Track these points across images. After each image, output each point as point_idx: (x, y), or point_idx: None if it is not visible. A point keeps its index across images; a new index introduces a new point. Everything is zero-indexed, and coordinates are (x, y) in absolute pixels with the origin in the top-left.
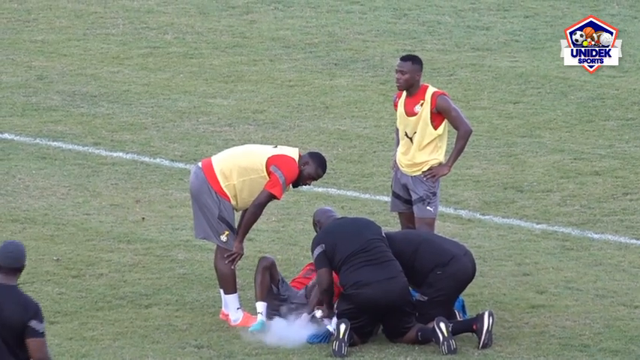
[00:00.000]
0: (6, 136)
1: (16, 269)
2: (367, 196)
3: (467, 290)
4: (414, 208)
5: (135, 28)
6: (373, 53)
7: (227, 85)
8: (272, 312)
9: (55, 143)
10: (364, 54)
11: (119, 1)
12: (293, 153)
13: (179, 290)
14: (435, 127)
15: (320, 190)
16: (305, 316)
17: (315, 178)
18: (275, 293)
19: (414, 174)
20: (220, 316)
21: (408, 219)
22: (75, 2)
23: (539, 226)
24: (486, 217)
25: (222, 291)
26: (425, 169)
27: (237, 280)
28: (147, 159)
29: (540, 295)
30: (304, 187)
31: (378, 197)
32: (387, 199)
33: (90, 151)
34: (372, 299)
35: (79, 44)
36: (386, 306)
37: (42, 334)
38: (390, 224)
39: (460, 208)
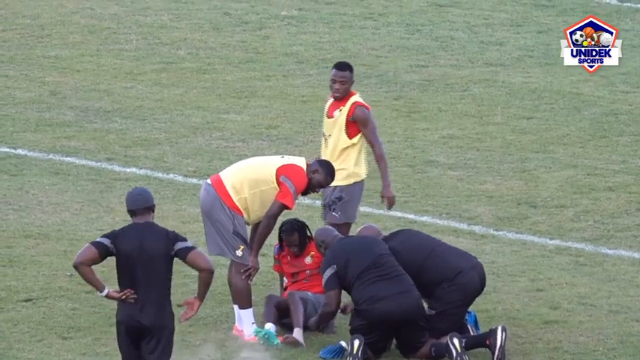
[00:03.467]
0: (19, 151)
1: (148, 208)
2: (380, 211)
3: (480, 306)
4: (323, 211)
5: (148, 44)
6: (386, 69)
7: (240, 100)
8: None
9: (68, 159)
10: (377, 69)
11: (132, 17)
12: (301, 162)
13: None
14: (349, 136)
15: None
16: (297, 330)
17: (323, 186)
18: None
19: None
20: (234, 331)
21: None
22: (88, 18)
23: (552, 242)
24: (500, 232)
25: (236, 306)
26: (337, 176)
27: (251, 295)
28: (160, 174)
29: (554, 311)
30: (317, 203)
31: (391, 213)
32: (401, 214)
33: (103, 166)
34: (386, 314)
35: (92, 60)
36: (400, 320)
37: (194, 247)
38: None
39: (473, 223)
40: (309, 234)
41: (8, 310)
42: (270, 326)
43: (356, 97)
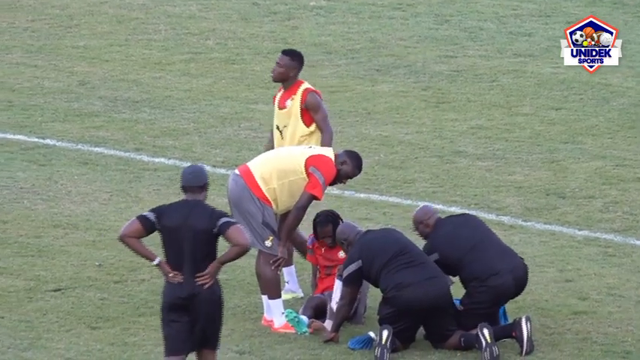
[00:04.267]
0: (48, 141)
1: (200, 187)
2: (409, 201)
3: None
4: None
5: (177, 34)
6: (415, 59)
7: (269, 90)
8: None
9: (97, 149)
10: (406, 60)
11: (161, 7)
12: (329, 152)
13: None
14: (307, 124)
15: (362, 196)
16: (328, 322)
17: (351, 177)
18: None
19: None
20: (262, 322)
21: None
22: (117, 8)
23: (581, 233)
24: (528, 223)
25: (264, 297)
26: None
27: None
28: (189, 164)
29: (583, 302)
30: (346, 193)
31: (420, 203)
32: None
33: (132, 156)
34: (414, 300)
35: (121, 50)
36: (428, 306)
37: (236, 223)
38: None
39: (502, 214)
40: None
41: (37, 300)
42: (303, 317)
43: (306, 85)
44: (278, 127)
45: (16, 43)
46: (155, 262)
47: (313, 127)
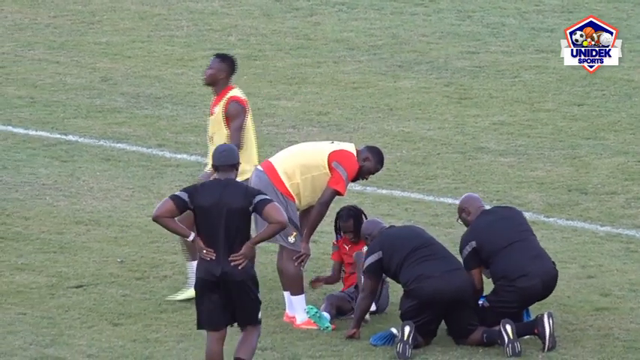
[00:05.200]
0: (70, 137)
1: (232, 165)
2: (431, 198)
3: None
4: None
5: (199, 30)
6: (437, 55)
7: (291, 86)
8: None
9: (119, 145)
10: (428, 56)
11: (183, 3)
12: (351, 148)
13: None
14: None
15: (384, 192)
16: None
17: (373, 173)
18: None
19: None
20: (284, 318)
21: None
22: (139, 4)
23: (603, 229)
24: (550, 219)
25: (287, 293)
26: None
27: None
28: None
29: (605, 298)
30: (368, 189)
31: (442, 199)
32: (452, 201)
33: (154, 152)
34: (435, 292)
35: (143, 46)
36: (450, 298)
37: (272, 200)
38: (454, 226)
39: (524, 210)
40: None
41: (59, 297)
42: (325, 313)
43: (233, 92)
44: (209, 135)
45: (39, 40)
46: (190, 238)
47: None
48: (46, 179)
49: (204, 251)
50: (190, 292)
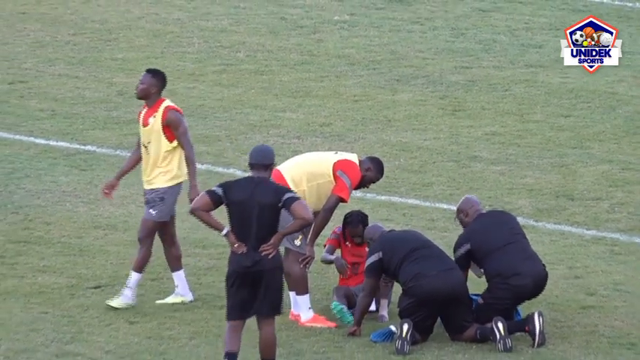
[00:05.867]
0: (89, 147)
1: (266, 165)
2: (427, 204)
3: None
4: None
5: (209, 47)
6: (433, 70)
7: (296, 99)
8: None
9: None
10: (424, 70)
11: (195, 22)
12: (354, 158)
13: None
14: (169, 140)
15: (383, 198)
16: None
17: (374, 182)
18: None
19: (149, 186)
20: (290, 316)
21: (163, 224)
22: (153, 22)
23: (589, 232)
24: (539, 223)
25: (292, 293)
26: (157, 179)
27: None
28: (221, 169)
29: (590, 297)
30: (368, 195)
31: (437, 205)
32: (447, 206)
33: None
34: (432, 290)
35: (157, 62)
36: (446, 296)
37: (299, 198)
38: (449, 230)
39: (515, 214)
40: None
41: (78, 297)
42: (344, 307)
43: (167, 102)
44: (144, 144)
45: (59, 56)
46: (224, 233)
47: (175, 142)
48: (66, 187)
49: (236, 245)
50: (179, 298)
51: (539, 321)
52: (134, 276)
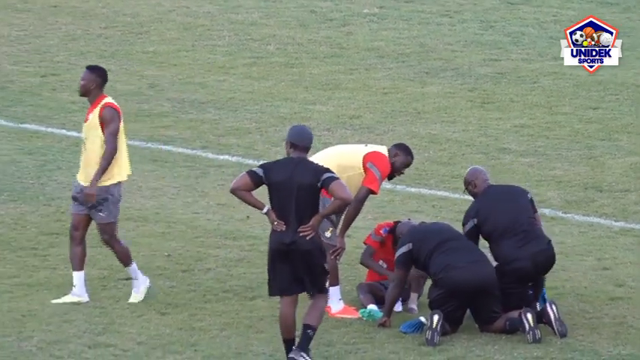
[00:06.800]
0: None
1: (305, 147)
2: (457, 195)
3: (550, 283)
4: (90, 213)
5: (240, 40)
6: (461, 62)
7: (325, 92)
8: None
9: (165, 147)
10: (453, 63)
11: (225, 15)
12: (384, 150)
13: None
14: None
15: (413, 190)
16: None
17: (407, 166)
18: None
19: (86, 183)
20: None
21: (79, 221)
22: (184, 16)
23: (617, 224)
24: (568, 215)
25: None
26: (94, 177)
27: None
28: (251, 161)
29: (619, 288)
30: (398, 187)
31: (466, 196)
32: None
33: (198, 154)
34: (462, 281)
35: (187, 55)
36: (476, 288)
37: (337, 178)
38: None
39: (544, 206)
40: None
41: (110, 288)
42: (372, 307)
43: (107, 99)
44: (83, 140)
45: (91, 49)
46: (264, 211)
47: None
48: None
49: (275, 223)
50: (76, 298)
51: (552, 310)
52: (131, 268)
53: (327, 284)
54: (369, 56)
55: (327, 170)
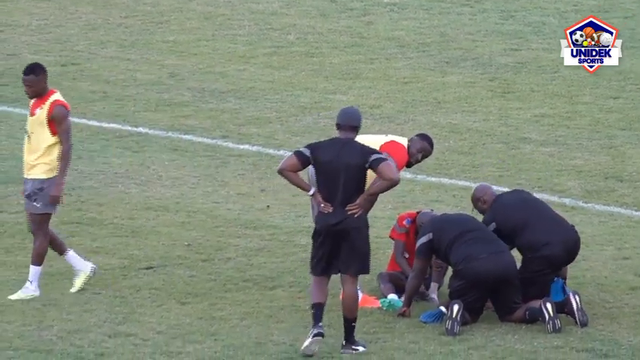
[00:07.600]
0: (140, 129)
1: (352, 127)
2: (476, 185)
3: (570, 273)
4: (25, 204)
5: (260, 29)
6: (482, 52)
7: (346, 82)
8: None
9: (186, 136)
10: (474, 53)
11: (245, 4)
12: (403, 140)
13: (302, 273)
14: (52, 133)
15: (433, 179)
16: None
17: (423, 152)
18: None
19: (29, 176)
20: (340, 297)
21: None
22: (204, 5)
23: (637, 213)
24: (588, 204)
25: None
26: (37, 169)
27: None
28: (271, 151)
29: (639, 278)
30: (418, 177)
31: None
32: (497, 188)
33: (218, 143)
34: (483, 272)
35: (208, 44)
36: (496, 278)
37: (385, 159)
38: None
39: (564, 196)
40: None
41: (131, 278)
42: (392, 296)
43: (56, 96)
44: (28, 133)
45: (111, 38)
46: (311, 192)
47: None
48: (119, 168)
49: (322, 205)
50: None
51: (575, 300)
52: (33, 269)
53: (367, 267)
54: (389, 46)
55: (375, 151)
